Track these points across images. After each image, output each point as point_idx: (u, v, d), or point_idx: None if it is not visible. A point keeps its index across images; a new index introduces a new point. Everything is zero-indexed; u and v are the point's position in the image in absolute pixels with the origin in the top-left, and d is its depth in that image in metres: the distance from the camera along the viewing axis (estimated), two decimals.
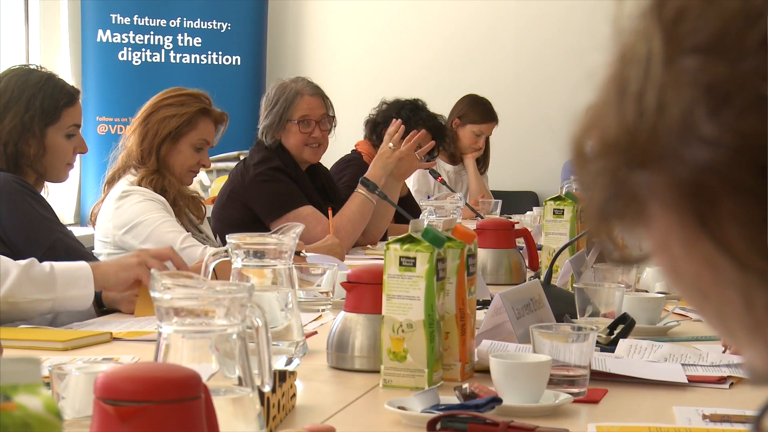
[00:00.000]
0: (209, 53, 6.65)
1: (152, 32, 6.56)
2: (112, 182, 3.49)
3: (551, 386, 1.77)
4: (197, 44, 6.63)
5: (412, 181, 5.62)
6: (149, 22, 6.55)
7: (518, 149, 6.99)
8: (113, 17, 6.48)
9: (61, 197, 5.95)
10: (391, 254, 1.86)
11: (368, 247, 4.22)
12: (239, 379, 1.25)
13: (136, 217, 3.34)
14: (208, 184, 6.05)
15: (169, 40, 6.59)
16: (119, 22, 6.50)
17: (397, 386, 1.86)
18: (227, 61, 6.67)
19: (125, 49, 6.52)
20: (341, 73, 6.89)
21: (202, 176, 6.01)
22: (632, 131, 0.59)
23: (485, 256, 3.21)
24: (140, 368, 1.13)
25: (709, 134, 0.56)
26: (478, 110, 5.96)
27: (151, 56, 6.56)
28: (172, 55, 6.60)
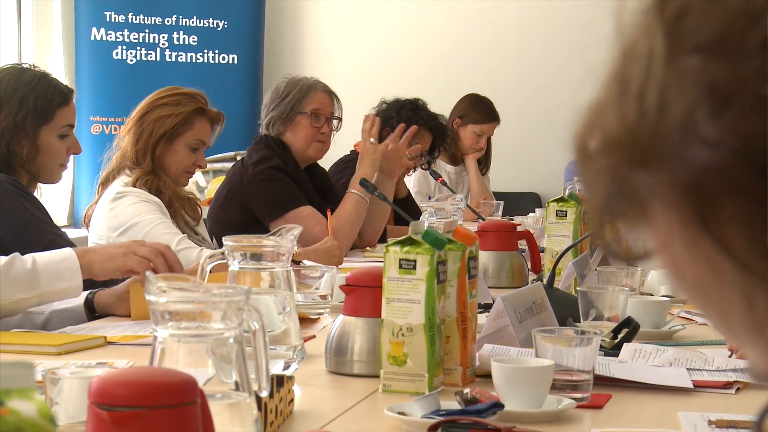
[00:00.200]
0: (205, 52, 6.65)
1: (147, 30, 6.56)
2: (106, 183, 3.50)
3: (554, 391, 1.77)
4: (193, 43, 6.64)
5: (412, 182, 5.63)
6: (144, 20, 6.55)
7: (520, 150, 6.99)
8: (107, 15, 6.48)
9: (54, 198, 5.95)
10: (390, 257, 1.86)
11: (367, 249, 4.23)
12: (236, 383, 1.25)
13: (130, 218, 3.35)
14: (204, 185, 6.06)
15: (164, 38, 6.59)
16: (113, 19, 6.50)
17: (396, 391, 1.86)
18: (223, 59, 6.68)
19: (120, 47, 6.52)
20: (340, 72, 6.89)
21: (198, 177, 6.01)
22: (633, 130, 0.59)
23: (487, 258, 3.21)
24: (135, 373, 1.13)
25: (710, 135, 0.57)
26: (479, 110, 5.96)
27: (146, 55, 6.56)
28: (167, 53, 6.60)
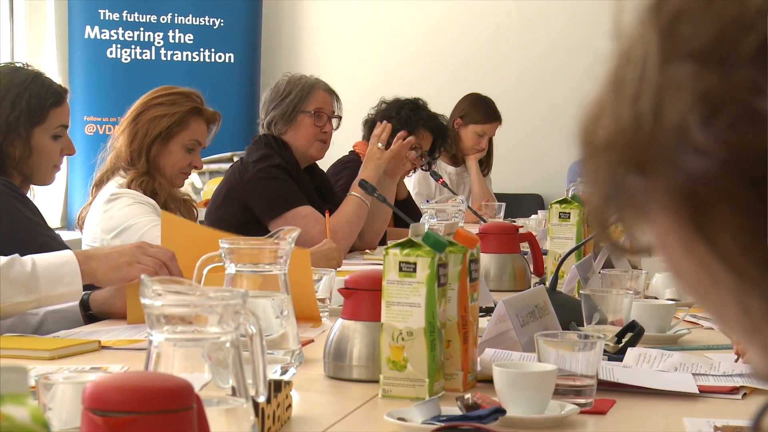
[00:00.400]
0: (201, 50, 6.65)
1: (142, 28, 6.57)
2: (100, 184, 3.50)
3: (557, 397, 1.77)
4: (189, 41, 6.64)
5: (412, 183, 5.63)
6: (139, 18, 6.56)
7: (522, 150, 6.99)
8: (101, 13, 6.49)
9: (47, 200, 5.95)
10: (390, 259, 1.86)
11: (366, 251, 4.23)
12: (233, 389, 1.25)
13: (125, 221, 3.35)
14: (200, 186, 6.06)
15: (159, 36, 6.60)
16: (108, 18, 6.50)
17: (396, 396, 1.86)
18: (220, 58, 6.68)
19: (114, 46, 6.52)
20: (339, 71, 6.90)
21: (194, 178, 6.01)
22: (628, 134, 0.61)
23: (488, 261, 3.21)
24: (130, 378, 1.13)
25: (701, 143, 0.58)
26: (480, 110, 5.97)
27: (141, 53, 6.56)
28: (162, 52, 6.61)
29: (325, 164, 4.53)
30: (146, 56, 6.57)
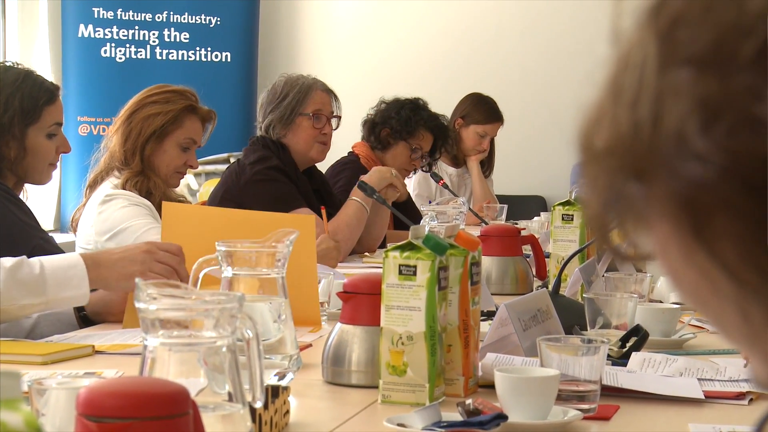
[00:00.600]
0: (197, 49, 6.66)
1: (137, 27, 6.57)
2: (94, 185, 3.50)
3: (560, 402, 1.77)
4: (185, 40, 6.64)
5: (412, 184, 5.63)
6: (134, 16, 6.56)
7: (525, 151, 7.00)
8: (95, 11, 6.49)
9: (40, 202, 5.95)
10: (390, 262, 1.86)
11: (366, 255, 4.23)
12: (229, 394, 1.25)
13: (119, 223, 3.35)
14: (196, 188, 6.06)
15: (154, 35, 6.60)
16: (102, 16, 6.50)
17: (396, 402, 1.86)
18: (216, 57, 6.68)
19: (108, 44, 6.53)
20: (338, 70, 6.90)
21: (189, 180, 6.01)
22: (626, 141, 0.61)
23: (490, 264, 3.21)
24: (125, 383, 1.13)
25: (700, 150, 0.58)
26: (482, 110, 5.97)
27: (135, 52, 6.57)
28: (158, 51, 6.61)
29: (323, 165, 4.53)
30: (141, 55, 6.58)
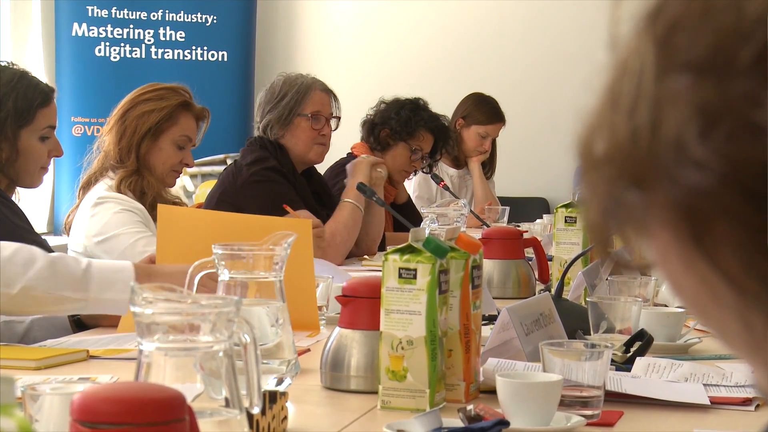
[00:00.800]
0: (193, 48, 6.66)
1: (132, 26, 6.57)
2: (87, 187, 3.50)
3: (562, 408, 1.77)
4: (180, 39, 6.64)
5: (412, 186, 5.63)
6: (129, 14, 6.56)
7: (527, 152, 7.00)
8: (90, 9, 6.49)
9: (33, 204, 5.95)
10: (389, 265, 1.86)
11: (365, 258, 4.24)
12: (226, 400, 1.25)
13: (112, 229, 3.35)
14: (192, 189, 6.06)
15: (150, 34, 6.60)
16: (96, 14, 6.51)
17: (396, 408, 1.86)
18: (213, 57, 6.68)
19: (103, 43, 6.53)
20: (336, 70, 6.90)
21: (186, 181, 6.01)
22: (625, 148, 0.61)
23: (491, 267, 3.22)
24: (120, 388, 1.13)
25: (699, 157, 0.59)
26: (483, 110, 5.97)
27: (130, 51, 6.57)
28: (153, 50, 6.61)
29: (322, 166, 4.53)
30: (136, 54, 6.58)
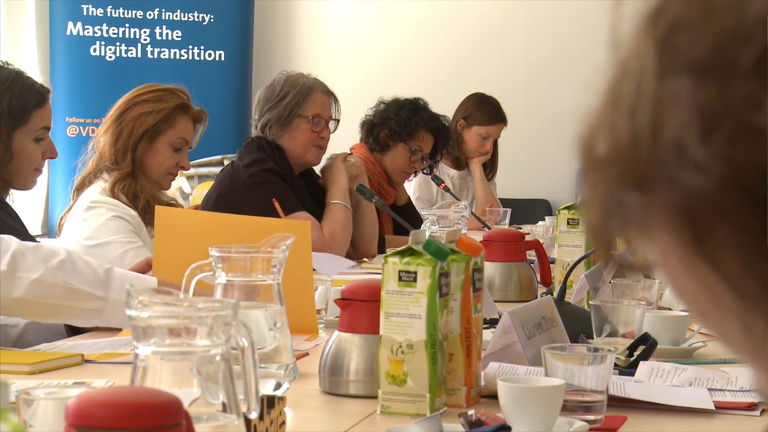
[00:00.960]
0: (190, 48, 6.66)
1: (128, 25, 6.58)
2: (81, 188, 3.50)
3: (565, 413, 1.77)
4: (177, 38, 6.65)
5: (412, 188, 5.63)
6: (124, 13, 6.57)
7: (529, 153, 7.00)
8: (84, 8, 6.49)
9: (27, 206, 5.96)
10: (389, 268, 1.86)
11: (364, 260, 4.24)
12: (223, 404, 1.25)
13: (102, 235, 3.35)
14: (188, 191, 6.06)
15: (146, 33, 6.61)
16: (91, 13, 6.51)
17: (396, 413, 1.86)
18: (210, 56, 6.69)
19: (98, 43, 6.53)
20: (335, 70, 6.90)
21: (182, 183, 6.02)
22: (625, 150, 0.62)
23: (493, 270, 3.22)
24: (115, 393, 1.13)
25: (699, 159, 0.59)
26: (485, 110, 5.97)
27: (126, 51, 6.57)
28: (149, 49, 6.62)
29: (319, 168, 4.53)
30: (132, 54, 6.58)
